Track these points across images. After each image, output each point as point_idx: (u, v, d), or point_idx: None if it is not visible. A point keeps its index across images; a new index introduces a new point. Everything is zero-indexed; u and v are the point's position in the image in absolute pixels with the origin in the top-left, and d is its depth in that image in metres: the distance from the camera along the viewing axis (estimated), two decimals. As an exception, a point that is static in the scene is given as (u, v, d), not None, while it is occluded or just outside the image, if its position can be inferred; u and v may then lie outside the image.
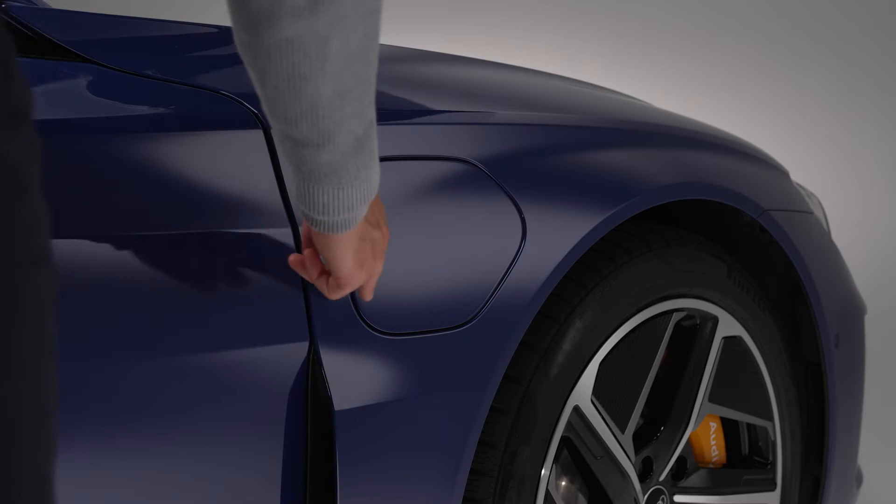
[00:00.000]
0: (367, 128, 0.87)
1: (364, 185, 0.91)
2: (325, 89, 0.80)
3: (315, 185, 0.89)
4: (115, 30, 1.29)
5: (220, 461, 1.03)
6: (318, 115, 0.82)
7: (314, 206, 0.91)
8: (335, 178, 0.88)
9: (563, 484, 1.42)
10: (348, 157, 0.87)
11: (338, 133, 0.84)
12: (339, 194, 0.90)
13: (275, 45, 0.77)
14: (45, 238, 0.62)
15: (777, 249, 1.67)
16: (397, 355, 1.13)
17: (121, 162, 1.01)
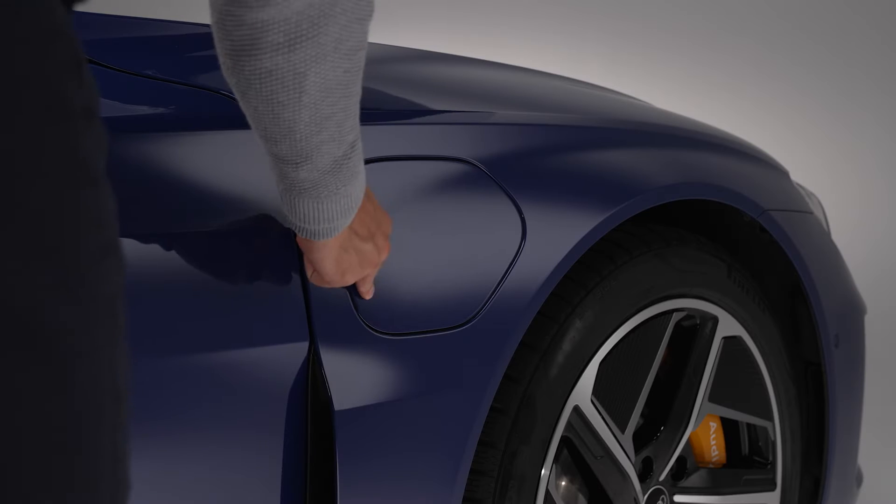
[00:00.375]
0: (348, 150, 0.91)
1: (344, 200, 0.94)
2: (302, 116, 0.84)
3: (295, 197, 0.93)
4: (115, 30, 1.29)
5: (220, 461, 1.03)
6: (296, 137, 0.86)
7: (295, 213, 0.95)
8: (314, 192, 0.92)
9: (563, 484, 1.42)
10: (326, 176, 0.91)
11: (316, 155, 0.88)
12: (319, 207, 0.93)
13: (254, 74, 0.80)
14: (114, 228, 0.65)
15: (777, 249, 1.67)
16: (397, 355, 1.13)
17: (121, 162, 1.01)
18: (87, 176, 0.62)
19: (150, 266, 0.99)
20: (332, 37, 0.80)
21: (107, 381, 0.63)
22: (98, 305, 0.62)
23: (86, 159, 0.62)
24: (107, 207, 0.64)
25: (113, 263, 0.64)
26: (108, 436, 0.63)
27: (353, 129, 0.90)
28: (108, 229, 0.64)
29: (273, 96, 0.82)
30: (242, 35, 0.78)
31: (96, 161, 0.63)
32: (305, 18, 0.77)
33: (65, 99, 0.61)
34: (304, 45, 0.78)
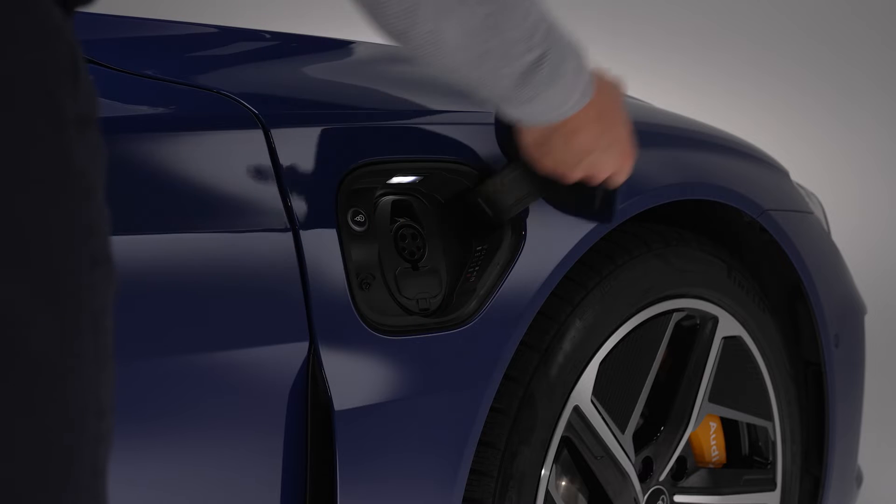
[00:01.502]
0: (529, 66, 0.93)
1: (542, 104, 0.97)
2: (458, 58, 0.89)
3: (501, 108, 0.98)
4: (116, 30, 1.29)
5: (220, 461, 1.03)
6: (462, 75, 0.92)
7: (532, 114, 0.99)
8: (510, 104, 0.97)
9: (563, 484, 1.42)
10: (513, 90, 0.94)
11: (490, 82, 0.93)
12: (524, 110, 0.98)
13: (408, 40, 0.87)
14: (106, 239, 0.63)
15: (777, 249, 1.67)
16: (397, 355, 1.13)
17: (121, 162, 1.01)
18: (78, 185, 0.60)
19: (150, 266, 0.99)
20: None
21: (89, 396, 0.62)
22: (84, 316, 0.61)
23: (78, 168, 0.60)
24: (99, 217, 0.63)
25: (103, 273, 0.63)
26: (88, 451, 0.62)
27: (527, 48, 0.92)
28: (99, 239, 0.62)
29: (422, 52, 0.87)
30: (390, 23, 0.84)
31: (90, 170, 0.62)
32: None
33: (58, 106, 0.59)
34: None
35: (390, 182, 1.18)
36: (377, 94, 1.35)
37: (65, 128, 0.60)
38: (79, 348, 0.60)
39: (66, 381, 0.59)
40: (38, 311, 0.57)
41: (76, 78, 0.62)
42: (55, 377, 0.59)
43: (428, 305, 1.18)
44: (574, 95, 0.99)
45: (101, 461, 0.63)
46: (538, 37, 0.92)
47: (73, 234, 0.60)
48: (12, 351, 0.56)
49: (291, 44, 1.47)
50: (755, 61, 5.61)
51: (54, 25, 0.60)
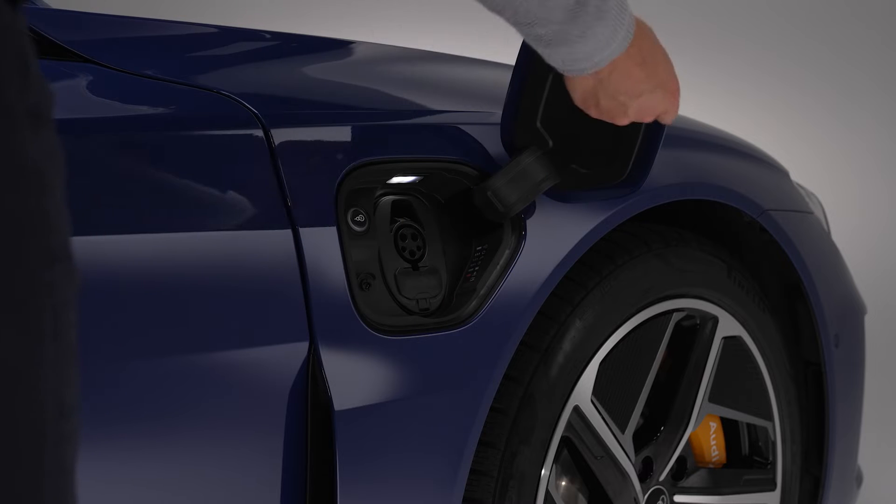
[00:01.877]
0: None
1: (592, 41, 0.96)
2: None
3: (546, 49, 0.96)
4: (115, 30, 1.29)
5: (220, 461, 1.03)
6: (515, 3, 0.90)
7: (555, 61, 0.98)
8: (557, 42, 0.94)
9: (563, 484, 1.42)
10: (565, 26, 0.93)
11: (541, 12, 0.91)
12: (571, 50, 0.96)
13: None
14: (66, 237, 0.62)
15: (777, 249, 1.67)
16: (397, 355, 1.13)
17: (121, 162, 1.01)
18: (33, 181, 0.59)
19: (150, 266, 0.99)
20: None
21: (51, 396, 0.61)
22: (44, 315, 0.60)
23: (32, 164, 0.59)
24: (57, 214, 0.61)
25: (63, 271, 0.62)
26: (54, 452, 0.61)
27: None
28: (58, 236, 0.61)
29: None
30: None
31: (46, 167, 0.61)
32: None
33: (5, 100, 0.58)
34: None
35: (390, 182, 1.18)
36: (377, 94, 1.35)
37: (15, 122, 0.59)
38: (39, 348, 0.59)
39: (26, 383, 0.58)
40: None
41: (25, 73, 0.60)
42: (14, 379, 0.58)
43: (428, 305, 1.18)
44: (619, 33, 0.98)
45: (68, 460, 0.63)
46: None
47: (28, 231, 0.59)
48: None
49: (291, 44, 1.47)
50: (755, 61, 5.61)
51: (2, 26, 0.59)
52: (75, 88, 1.11)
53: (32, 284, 0.59)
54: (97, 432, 0.96)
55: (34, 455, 0.60)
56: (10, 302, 0.58)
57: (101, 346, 0.96)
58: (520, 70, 1.22)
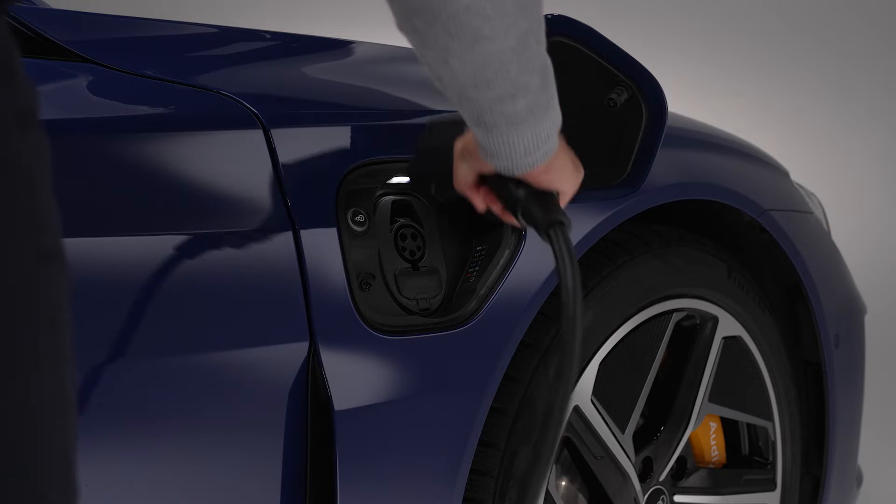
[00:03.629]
0: (545, 58, 0.89)
1: (554, 112, 0.93)
2: (509, 42, 0.82)
3: (514, 133, 0.91)
4: (115, 30, 1.29)
5: (220, 461, 1.03)
6: (509, 70, 0.84)
7: (517, 148, 0.92)
8: (532, 115, 0.90)
9: (563, 484, 1.42)
10: (540, 94, 0.89)
11: (528, 77, 0.86)
12: (536, 127, 0.91)
13: (453, 18, 0.79)
14: (56, 235, 0.63)
15: (777, 249, 1.67)
16: (397, 355, 1.13)
17: (121, 162, 1.01)
18: (21, 182, 0.60)
19: (150, 266, 0.99)
20: None
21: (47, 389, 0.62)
22: (38, 313, 0.60)
23: (20, 165, 0.60)
24: (47, 213, 0.62)
25: (55, 269, 0.62)
26: (56, 444, 0.62)
27: (541, 77, 0.90)
28: (48, 234, 0.62)
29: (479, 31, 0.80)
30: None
31: (33, 167, 0.61)
32: None
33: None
34: None
35: (390, 182, 1.18)
36: (377, 94, 1.35)
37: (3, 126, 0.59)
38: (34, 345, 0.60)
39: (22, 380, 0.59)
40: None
41: (12, 75, 0.61)
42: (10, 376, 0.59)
43: (428, 305, 1.18)
44: (547, 142, 0.96)
45: (69, 454, 0.64)
46: (544, 71, 0.91)
47: (20, 231, 0.59)
48: None
49: (291, 44, 1.47)
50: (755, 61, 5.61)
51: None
52: (75, 88, 1.11)
53: (27, 283, 0.60)
54: (96, 432, 0.96)
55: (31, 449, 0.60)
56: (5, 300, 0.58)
57: (100, 346, 0.96)
58: None
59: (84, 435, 0.95)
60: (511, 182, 1.00)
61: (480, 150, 0.95)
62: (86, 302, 0.95)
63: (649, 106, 1.20)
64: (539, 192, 1.01)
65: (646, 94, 1.20)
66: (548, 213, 1.00)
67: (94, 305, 0.95)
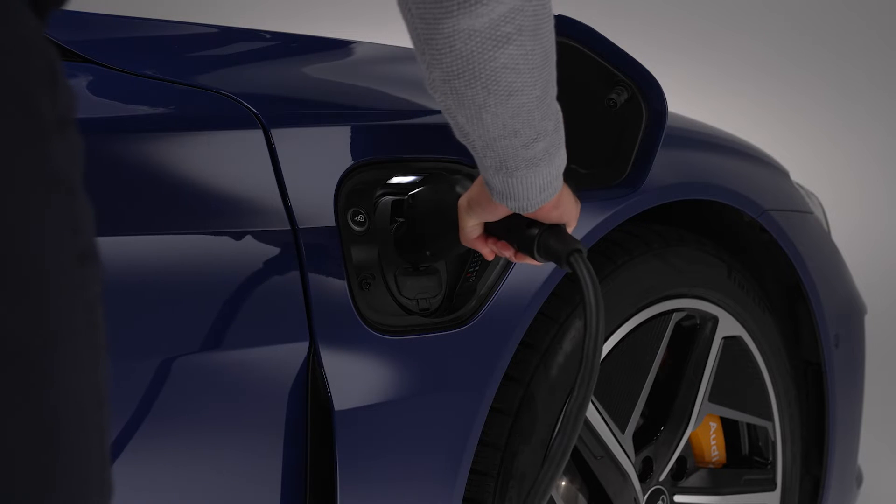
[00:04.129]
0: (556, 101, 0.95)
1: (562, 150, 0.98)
2: (536, 92, 0.88)
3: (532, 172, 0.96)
4: (115, 30, 1.29)
5: (220, 461, 1.03)
6: (534, 117, 0.90)
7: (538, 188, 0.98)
8: (547, 155, 0.95)
9: (563, 484, 1.42)
10: (554, 135, 0.95)
11: (547, 121, 0.92)
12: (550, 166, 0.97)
13: (491, 76, 0.85)
14: (92, 236, 0.65)
15: (777, 249, 1.67)
16: (397, 355, 1.13)
17: (121, 162, 1.01)
18: (60, 187, 0.62)
19: (150, 266, 0.99)
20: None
21: (88, 387, 0.64)
22: (78, 312, 0.62)
23: (59, 170, 0.62)
24: (83, 215, 0.64)
25: (92, 269, 0.65)
26: (94, 439, 0.64)
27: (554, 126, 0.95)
28: (83, 236, 0.64)
29: (513, 85, 0.86)
30: (472, 47, 0.83)
31: (70, 170, 0.63)
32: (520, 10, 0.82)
33: (38, 114, 0.61)
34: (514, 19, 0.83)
35: (390, 182, 1.18)
36: (377, 94, 1.35)
37: (46, 133, 0.61)
38: (78, 343, 0.62)
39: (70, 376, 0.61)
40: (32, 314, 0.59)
41: (54, 83, 0.63)
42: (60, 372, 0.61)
43: (428, 305, 1.18)
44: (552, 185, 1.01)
45: (105, 449, 0.66)
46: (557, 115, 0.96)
47: (60, 235, 0.61)
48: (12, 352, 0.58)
49: (291, 44, 1.47)
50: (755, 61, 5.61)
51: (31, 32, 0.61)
52: (75, 88, 1.11)
53: (70, 284, 0.62)
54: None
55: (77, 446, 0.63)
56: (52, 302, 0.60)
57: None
58: None
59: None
60: (521, 224, 1.06)
61: (496, 195, 1.00)
62: (86, 302, 0.95)
63: (649, 106, 1.20)
64: (550, 226, 1.06)
65: (646, 94, 1.20)
66: (565, 243, 1.05)
67: (94, 305, 0.95)
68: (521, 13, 0.82)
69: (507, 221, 1.08)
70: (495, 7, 0.80)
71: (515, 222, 1.07)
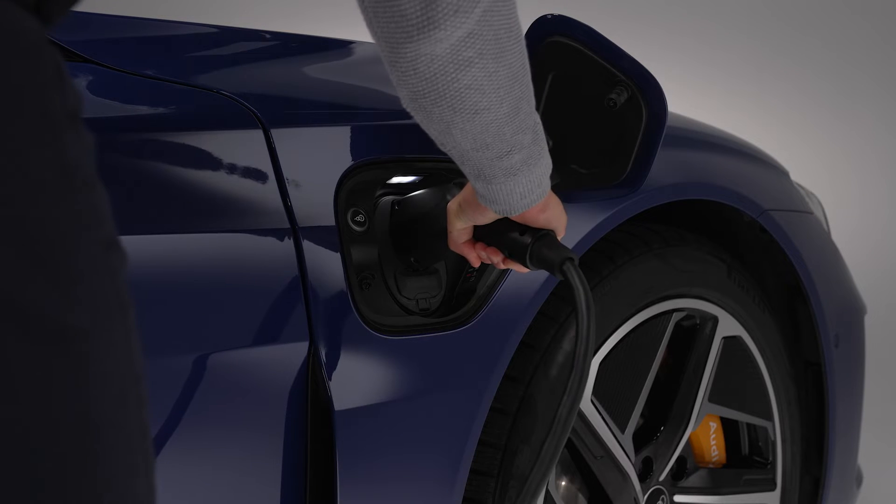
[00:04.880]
0: (536, 117, 0.97)
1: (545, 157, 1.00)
2: (504, 108, 0.91)
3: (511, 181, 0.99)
4: (115, 30, 1.29)
5: (220, 461, 1.03)
6: (504, 132, 0.92)
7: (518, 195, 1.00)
8: (526, 164, 0.98)
9: (563, 484, 1.42)
10: (532, 146, 0.97)
11: (521, 135, 0.95)
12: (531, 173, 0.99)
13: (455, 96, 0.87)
14: (112, 223, 0.68)
15: (777, 249, 1.67)
16: (397, 355, 1.13)
17: (121, 162, 1.01)
18: (79, 180, 0.65)
19: (150, 266, 0.99)
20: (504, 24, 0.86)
21: (125, 366, 0.68)
22: (109, 297, 0.65)
23: (76, 164, 0.65)
24: (102, 205, 0.67)
25: (117, 255, 0.67)
26: (134, 414, 0.68)
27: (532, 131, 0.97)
28: (106, 225, 0.67)
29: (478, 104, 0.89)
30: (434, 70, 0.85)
31: (85, 163, 0.66)
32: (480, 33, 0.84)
33: (51, 111, 0.63)
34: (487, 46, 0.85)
35: (390, 182, 1.18)
36: (377, 94, 1.35)
37: (60, 129, 0.64)
38: (111, 325, 0.65)
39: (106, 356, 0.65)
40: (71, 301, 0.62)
41: (61, 80, 0.66)
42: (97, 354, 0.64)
43: (428, 305, 1.18)
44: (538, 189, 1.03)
45: (145, 421, 0.70)
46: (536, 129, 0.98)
47: (85, 226, 0.64)
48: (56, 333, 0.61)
49: (291, 44, 1.47)
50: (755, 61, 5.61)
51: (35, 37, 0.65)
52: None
53: (102, 269, 0.65)
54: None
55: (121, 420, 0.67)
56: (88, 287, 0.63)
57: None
58: None
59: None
60: (513, 231, 1.08)
61: (480, 198, 1.03)
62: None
63: (649, 106, 1.20)
64: (542, 234, 1.08)
65: (646, 94, 1.20)
66: (557, 252, 1.07)
67: (94, 305, 0.95)
68: (481, 38, 0.84)
69: (497, 227, 1.09)
70: (453, 32, 0.82)
71: (506, 229, 1.09)
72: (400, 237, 1.16)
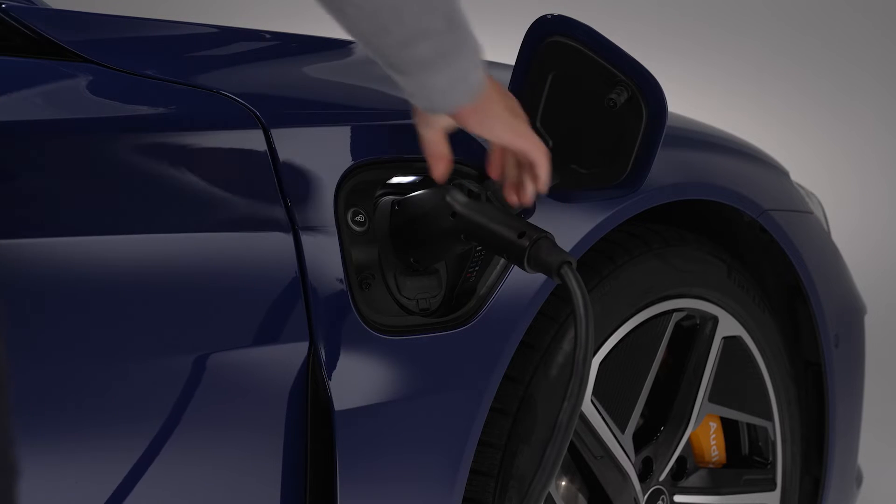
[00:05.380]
0: (451, 3, 0.92)
1: (469, 55, 0.95)
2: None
3: (426, 75, 0.93)
4: (115, 30, 1.29)
5: (220, 461, 1.03)
6: (402, 14, 0.87)
7: (439, 90, 0.95)
8: (440, 60, 0.92)
9: (563, 484, 1.42)
10: (444, 35, 0.91)
11: (430, 18, 0.89)
12: (449, 69, 0.94)
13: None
14: None
15: (777, 249, 1.67)
16: (397, 355, 1.13)
17: (121, 162, 1.01)
18: None
19: (150, 266, 0.99)
20: None
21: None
22: None
23: None
24: None
25: None
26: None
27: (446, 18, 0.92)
28: None
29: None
30: None
31: None
32: None
33: None
34: None
35: (390, 182, 1.18)
36: (377, 94, 1.35)
37: None
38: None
39: None
40: None
41: None
42: None
43: (428, 305, 1.18)
44: (479, 59, 0.98)
45: (4, 430, 0.68)
46: (451, 15, 0.93)
47: None
48: None
49: (291, 44, 1.47)
50: (755, 61, 5.61)
51: None
52: (75, 88, 1.11)
53: None
54: (95, 432, 0.96)
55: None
56: None
57: (100, 346, 0.96)
58: (520, 70, 1.22)
59: (82, 435, 0.95)
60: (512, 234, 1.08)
61: (405, 94, 0.98)
62: (84, 301, 0.95)
63: (649, 106, 1.20)
64: (540, 237, 1.07)
65: (646, 94, 1.20)
66: (555, 255, 1.06)
67: (94, 305, 0.95)
68: None
69: (493, 230, 1.09)
70: None
71: (504, 232, 1.08)
72: (400, 237, 1.16)
